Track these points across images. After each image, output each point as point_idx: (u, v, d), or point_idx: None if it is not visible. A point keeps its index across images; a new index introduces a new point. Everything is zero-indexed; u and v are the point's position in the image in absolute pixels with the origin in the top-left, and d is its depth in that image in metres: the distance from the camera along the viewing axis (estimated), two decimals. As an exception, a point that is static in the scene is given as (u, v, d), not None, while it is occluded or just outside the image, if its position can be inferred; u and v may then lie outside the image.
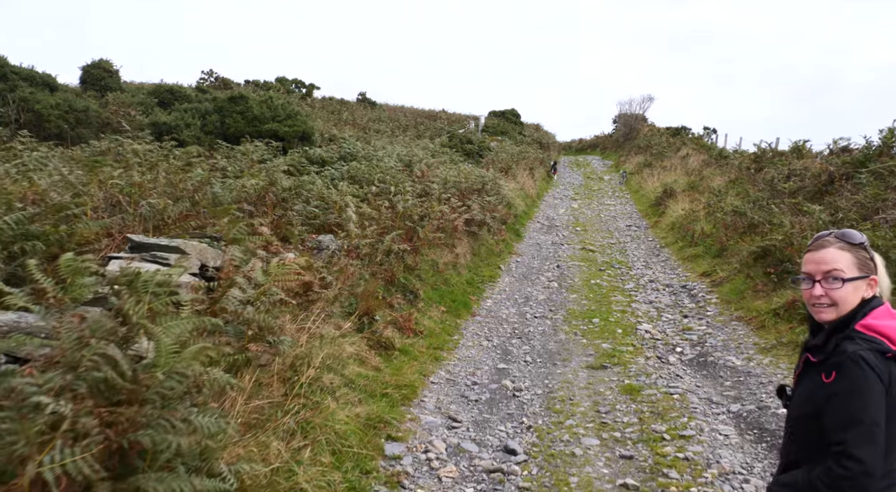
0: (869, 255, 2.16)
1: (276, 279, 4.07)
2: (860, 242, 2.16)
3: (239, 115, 13.69)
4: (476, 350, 7.77)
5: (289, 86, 41.19)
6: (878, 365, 1.93)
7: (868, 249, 2.17)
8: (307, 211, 8.39)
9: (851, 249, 2.15)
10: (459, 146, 25.91)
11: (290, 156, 12.03)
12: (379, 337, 6.85)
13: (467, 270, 11.36)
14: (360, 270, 7.61)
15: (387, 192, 10.39)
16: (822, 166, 13.13)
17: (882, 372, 1.93)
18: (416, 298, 8.49)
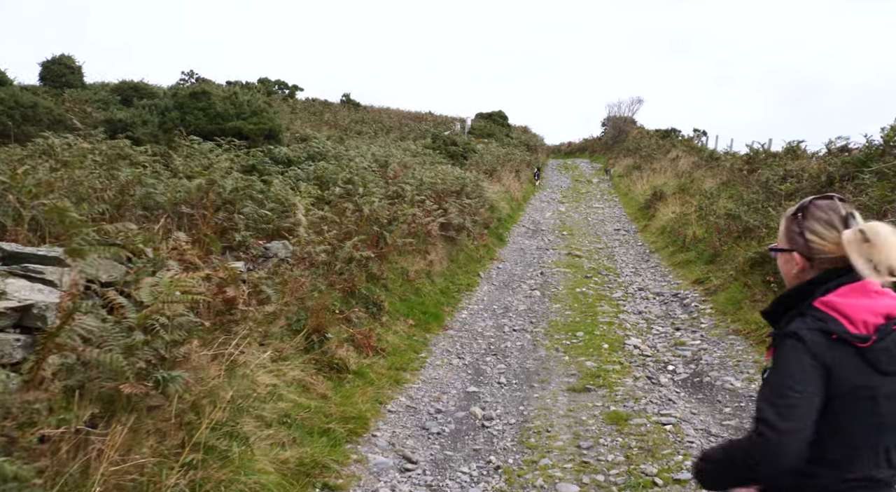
0: (799, 229, 1.96)
1: (164, 299, 3.24)
2: (793, 213, 2.01)
3: (201, 112, 12.80)
4: (445, 370, 6.92)
5: (271, 87, 40.47)
6: (816, 344, 1.77)
7: (800, 222, 1.96)
8: (259, 214, 7.53)
9: (785, 220, 2.03)
10: (443, 148, 25.09)
11: (253, 154, 11.17)
12: (330, 358, 6.00)
13: (442, 278, 10.52)
14: (313, 281, 6.76)
15: (353, 194, 9.54)
16: (821, 167, 12.37)
17: (819, 351, 1.76)
18: (380, 311, 7.64)
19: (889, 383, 1.79)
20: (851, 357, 1.77)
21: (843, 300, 1.82)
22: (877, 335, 1.78)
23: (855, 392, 1.78)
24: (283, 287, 6.11)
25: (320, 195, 9.12)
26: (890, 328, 1.80)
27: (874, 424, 1.80)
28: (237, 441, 3.62)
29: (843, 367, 1.77)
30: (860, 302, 1.81)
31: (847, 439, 1.81)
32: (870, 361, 1.78)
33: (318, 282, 6.88)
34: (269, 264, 6.34)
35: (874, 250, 1.81)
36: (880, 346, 1.78)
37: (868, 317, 1.79)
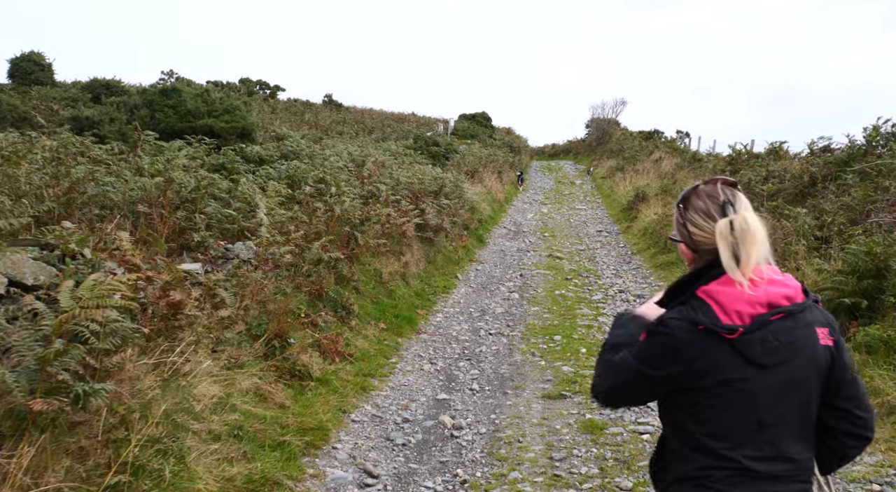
0: (682, 220, 1.89)
1: (85, 304, 2.93)
2: (678, 203, 1.92)
3: (171, 110, 12.41)
4: (415, 376, 6.63)
5: (252, 87, 40.09)
6: (681, 334, 1.72)
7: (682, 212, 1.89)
8: (223, 214, 7.22)
9: (675, 210, 1.94)
10: (425, 148, 24.82)
11: (223, 153, 10.83)
12: (292, 365, 5.69)
13: (418, 280, 10.23)
14: (276, 283, 6.45)
15: (326, 193, 9.24)
16: (804, 167, 12.21)
17: (683, 342, 1.72)
18: (350, 315, 7.34)
19: (767, 376, 1.72)
20: (722, 348, 1.70)
21: (722, 289, 1.74)
22: (751, 326, 1.70)
23: (727, 384, 1.72)
24: (242, 290, 5.81)
25: (290, 195, 8.81)
26: (768, 319, 1.71)
27: (754, 418, 1.73)
28: (173, 459, 3.31)
29: (711, 358, 1.71)
30: (736, 291, 1.72)
31: (724, 431, 1.76)
32: (742, 352, 1.71)
33: (282, 284, 6.57)
34: (228, 266, 6.03)
35: (739, 243, 1.73)
36: (755, 337, 1.70)
37: (743, 307, 1.71)
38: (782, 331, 1.72)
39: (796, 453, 1.77)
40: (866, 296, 6.27)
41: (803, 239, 8.35)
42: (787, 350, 1.72)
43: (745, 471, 1.74)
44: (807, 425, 1.79)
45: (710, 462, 1.77)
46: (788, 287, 1.78)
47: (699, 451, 1.79)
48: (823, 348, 1.77)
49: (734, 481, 1.75)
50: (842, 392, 1.81)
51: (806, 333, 1.75)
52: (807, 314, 1.77)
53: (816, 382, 1.77)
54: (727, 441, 1.75)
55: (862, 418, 1.83)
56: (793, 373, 1.73)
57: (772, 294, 1.74)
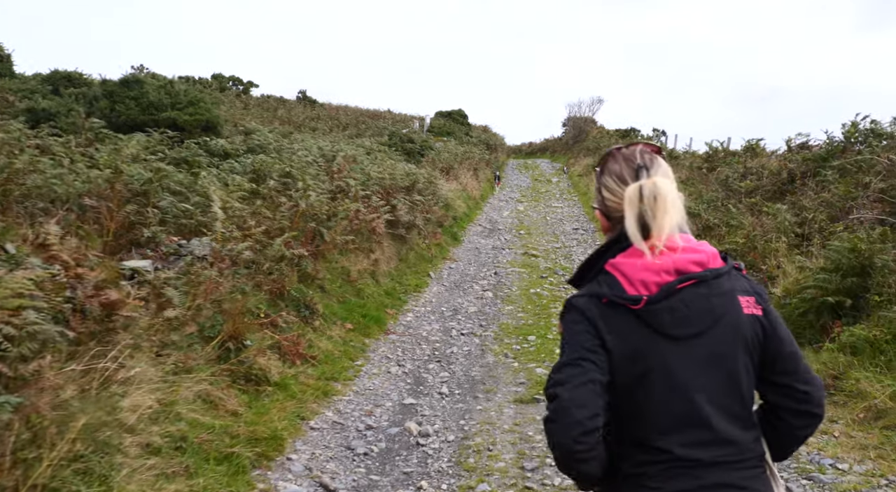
0: (598, 184, 1.76)
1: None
2: (595, 166, 1.85)
3: (132, 102, 11.92)
4: (381, 379, 6.29)
5: (225, 83, 39.50)
6: (589, 310, 1.58)
7: (598, 176, 1.77)
8: (179, 208, 6.82)
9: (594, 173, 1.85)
10: (399, 145, 24.45)
11: (186, 146, 10.39)
12: (248, 368, 5.33)
13: (389, 278, 9.88)
14: (234, 282, 6.07)
15: (292, 187, 8.85)
16: (782, 164, 12.05)
17: (592, 318, 1.57)
18: (313, 315, 6.98)
19: (684, 349, 1.57)
20: (631, 322, 1.58)
21: (627, 260, 1.63)
22: (656, 295, 1.57)
23: (643, 362, 1.57)
24: (194, 289, 5.42)
25: (254, 190, 8.41)
26: (675, 287, 1.57)
27: (679, 399, 1.57)
28: (94, 479, 2.95)
29: (621, 333, 1.57)
30: (641, 261, 1.60)
31: (650, 417, 1.59)
32: (650, 324, 1.57)
33: (241, 283, 6.19)
34: (180, 263, 5.64)
35: (648, 211, 1.59)
36: (661, 306, 1.56)
37: (647, 276, 1.58)
38: (694, 299, 1.57)
39: (735, 435, 1.58)
40: (850, 294, 6.05)
41: (784, 236, 8.13)
42: (703, 320, 1.57)
43: (682, 461, 1.56)
44: (740, 403, 1.61)
45: (644, 457, 1.61)
46: (700, 253, 1.62)
47: (632, 444, 1.63)
48: (749, 318, 1.60)
49: (672, 474, 1.57)
50: (779, 367, 1.64)
51: (724, 301, 1.59)
52: (724, 281, 1.61)
53: (745, 354, 1.60)
54: (656, 429, 1.59)
55: (806, 393, 1.64)
56: (714, 345, 1.57)
57: (680, 261, 1.59)
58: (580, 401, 1.52)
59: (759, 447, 1.65)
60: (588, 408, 1.52)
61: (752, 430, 1.63)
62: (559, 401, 1.53)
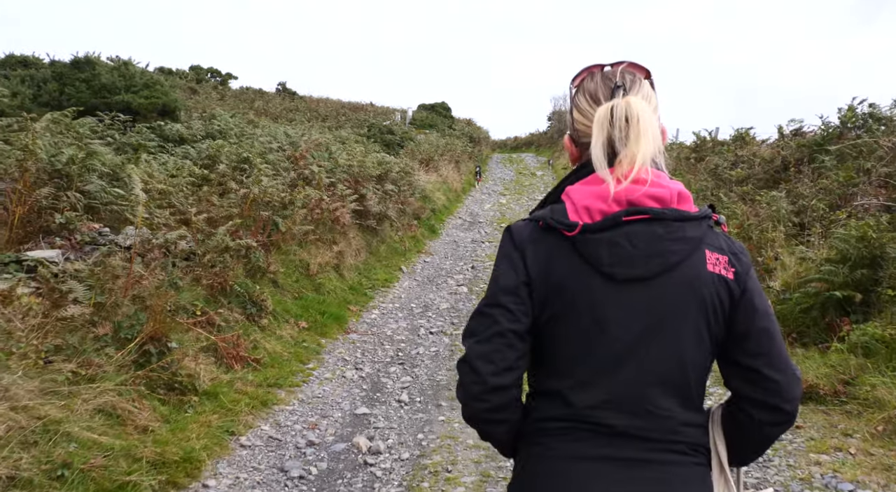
0: (570, 105, 1.53)
1: None
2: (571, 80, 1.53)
3: (83, 84, 11.08)
4: (333, 385, 5.56)
5: (203, 74, 38.70)
6: (520, 233, 1.41)
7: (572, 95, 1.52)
8: (109, 193, 6.07)
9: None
10: (379, 137, 23.75)
11: (137, 130, 9.61)
12: (171, 375, 4.58)
13: (355, 272, 9.14)
14: (167, 275, 5.33)
15: (249, 173, 8.09)
16: (775, 151, 11.42)
17: (521, 243, 1.39)
18: (261, 312, 6.24)
19: (621, 293, 1.32)
20: (564, 250, 1.34)
21: (580, 187, 1.39)
22: (597, 223, 1.32)
23: (570, 298, 1.33)
24: (110, 283, 4.68)
25: (205, 176, 7.65)
26: (620, 218, 1.32)
27: (605, 349, 1.33)
28: None
29: (549, 261, 1.35)
30: (591, 187, 1.36)
31: (566, 364, 1.36)
32: (584, 255, 1.33)
33: (175, 276, 5.45)
34: (96, 254, 4.89)
35: (617, 135, 1.36)
36: (601, 237, 1.32)
37: (593, 202, 1.34)
38: (643, 236, 1.32)
39: (666, 408, 1.33)
40: (860, 288, 5.38)
41: (781, 225, 7.48)
42: (650, 263, 1.32)
43: (589, 423, 1.34)
44: (679, 372, 1.34)
45: (547, 410, 1.39)
46: (663, 188, 1.35)
47: (539, 396, 1.43)
48: (713, 277, 1.35)
49: (574, 436, 1.35)
50: (748, 345, 1.37)
51: (683, 248, 1.33)
52: (688, 227, 1.35)
53: (699, 317, 1.34)
54: (567, 379, 1.37)
55: (775, 381, 1.35)
56: (659, 296, 1.33)
57: (634, 192, 1.33)
58: (486, 354, 1.36)
59: (698, 435, 1.38)
60: (494, 362, 1.35)
61: (692, 411, 1.37)
62: (465, 355, 1.40)
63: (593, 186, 1.38)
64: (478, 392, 1.37)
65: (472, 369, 1.37)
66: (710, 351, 1.38)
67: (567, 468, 1.34)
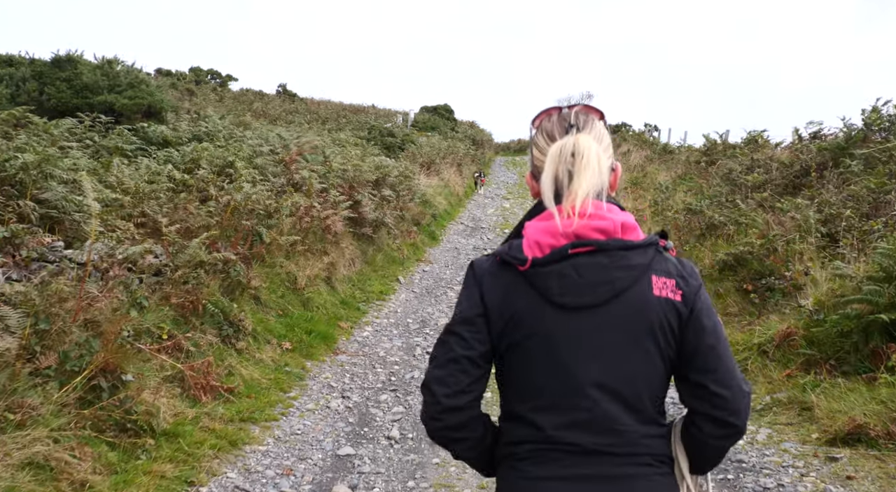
0: (531, 143, 1.61)
1: None
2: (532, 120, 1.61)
3: (64, 84, 10.51)
4: (316, 418, 4.97)
5: (203, 76, 38.30)
6: (481, 266, 1.51)
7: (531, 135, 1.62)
8: (73, 202, 5.50)
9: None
10: (379, 139, 23.20)
11: (118, 133, 9.04)
12: (125, 413, 3.99)
13: (349, 284, 8.56)
14: (129, 295, 4.74)
15: (235, 178, 7.51)
16: (793, 155, 10.80)
17: (481, 277, 1.49)
18: (238, 333, 5.65)
19: (572, 321, 1.42)
20: (518, 283, 1.45)
21: (534, 222, 1.49)
22: (545, 257, 1.43)
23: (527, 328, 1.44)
24: (57, 306, 4.09)
25: (184, 180, 7.07)
26: (566, 251, 1.42)
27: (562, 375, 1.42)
28: None
29: (506, 294, 1.46)
30: (545, 223, 1.46)
31: (529, 390, 1.47)
32: (537, 287, 1.43)
33: (138, 295, 4.86)
34: (43, 273, 4.30)
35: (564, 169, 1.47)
36: (550, 269, 1.42)
37: (542, 238, 1.44)
38: (590, 267, 1.41)
39: (625, 425, 1.41)
40: (909, 310, 4.77)
41: (810, 236, 6.86)
42: (598, 292, 1.41)
43: (557, 444, 1.42)
44: (633, 390, 1.42)
45: (517, 433, 1.48)
46: (606, 220, 1.43)
47: (510, 420, 1.51)
48: (659, 301, 1.43)
49: (544, 458, 1.43)
50: (697, 363, 1.44)
51: (628, 275, 1.42)
52: (633, 255, 1.43)
53: (649, 339, 1.42)
54: (531, 402, 1.46)
55: (721, 397, 1.43)
56: (610, 322, 1.42)
57: (581, 226, 1.42)
58: (440, 378, 1.46)
59: (660, 446, 1.46)
60: (448, 386, 1.45)
61: (651, 425, 1.45)
62: (424, 379, 1.51)
63: (545, 221, 1.46)
64: (434, 412, 1.46)
65: (429, 392, 1.46)
66: (662, 369, 1.45)
67: (544, 488, 1.41)
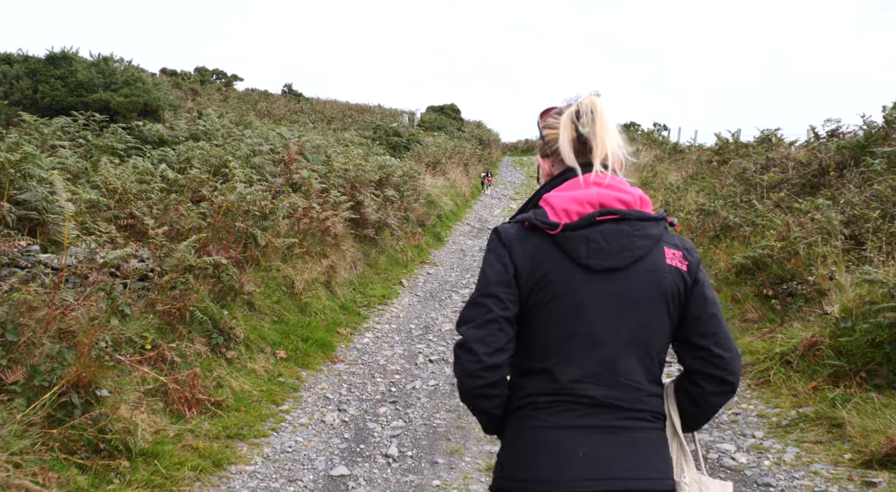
0: (539, 130, 1.79)
1: None
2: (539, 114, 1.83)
3: (58, 81, 10.22)
4: (309, 433, 4.65)
5: (208, 76, 38.17)
6: (507, 232, 1.64)
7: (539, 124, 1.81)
8: (51, 201, 5.21)
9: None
10: (385, 139, 22.92)
11: (112, 131, 8.76)
12: (99, 431, 3.68)
13: (349, 288, 8.24)
14: (111, 303, 4.44)
15: (230, 178, 7.20)
16: (811, 153, 10.42)
17: (510, 242, 1.62)
18: (229, 341, 5.34)
19: (597, 282, 1.57)
20: (547, 246, 1.59)
21: (556, 193, 1.64)
22: (575, 222, 1.58)
23: (553, 287, 1.58)
24: (27, 316, 3.79)
25: (176, 180, 6.77)
26: (595, 218, 1.58)
27: (584, 330, 1.57)
28: None
29: (535, 257, 1.59)
30: (567, 193, 1.62)
31: (550, 345, 1.60)
32: (566, 250, 1.58)
33: (120, 302, 4.55)
34: (13, 279, 3.99)
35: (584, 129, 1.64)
36: (578, 234, 1.57)
37: (570, 205, 1.60)
38: (614, 234, 1.58)
39: (636, 380, 1.58)
40: (948, 320, 4.42)
41: (834, 239, 6.50)
42: (621, 256, 1.57)
43: (573, 395, 1.57)
44: (646, 349, 1.60)
45: (535, 385, 1.62)
46: (627, 193, 1.62)
47: (527, 374, 1.64)
48: (671, 269, 1.60)
49: (561, 407, 1.57)
50: (700, 328, 1.63)
51: (646, 243, 1.59)
52: (650, 226, 1.61)
53: (661, 303, 1.59)
54: (553, 357, 1.59)
55: (722, 358, 1.62)
56: (629, 285, 1.58)
57: (604, 195, 1.60)
58: (481, 338, 1.57)
59: (658, 404, 1.63)
60: (488, 344, 1.56)
61: (654, 383, 1.62)
62: (462, 339, 1.60)
63: (569, 190, 1.62)
64: (475, 370, 1.57)
65: (469, 351, 1.58)
66: (669, 332, 1.63)
67: (557, 436, 1.56)
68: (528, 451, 1.58)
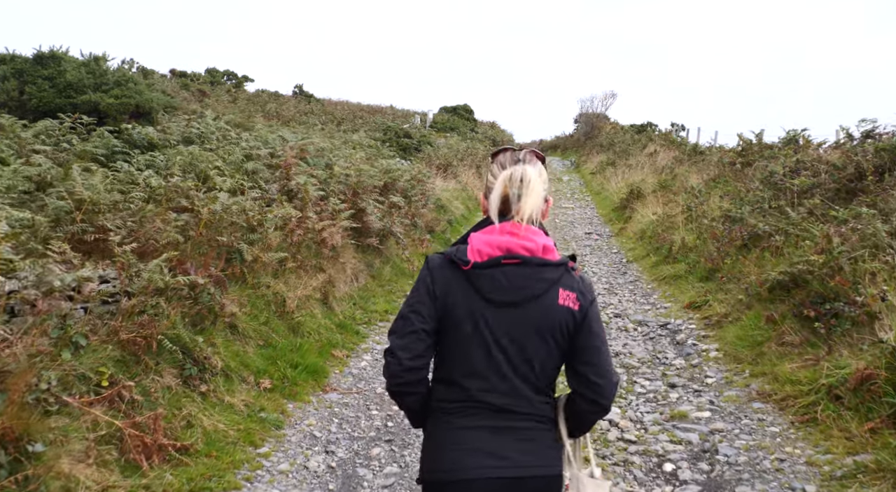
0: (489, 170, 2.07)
1: None
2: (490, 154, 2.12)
3: (46, 82, 9.72)
4: (287, 485, 4.04)
5: (218, 77, 37.83)
6: (433, 261, 1.96)
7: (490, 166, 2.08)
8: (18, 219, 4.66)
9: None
10: (395, 140, 22.37)
11: (99, 135, 8.23)
12: (30, 495, 3.10)
13: (348, 302, 7.65)
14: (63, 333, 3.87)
15: (220, 187, 6.63)
16: (847, 156, 9.71)
17: (433, 269, 1.95)
18: (204, 372, 4.75)
19: (498, 313, 1.88)
20: (460, 279, 1.90)
21: (477, 235, 1.95)
22: (483, 263, 1.88)
23: (461, 311, 1.89)
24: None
25: (160, 188, 6.20)
26: (500, 260, 1.88)
27: (485, 350, 1.89)
28: None
29: (450, 286, 1.91)
30: (485, 236, 1.93)
31: (459, 359, 1.92)
32: (474, 284, 1.89)
33: (74, 332, 3.99)
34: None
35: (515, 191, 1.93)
36: (485, 273, 1.88)
37: (484, 247, 1.91)
38: (514, 275, 1.88)
39: (524, 392, 1.90)
40: None
41: (881, 253, 5.82)
42: (518, 293, 1.88)
43: (477, 402, 1.90)
44: (532, 369, 1.90)
45: (449, 393, 1.95)
46: (532, 242, 1.90)
47: (442, 382, 1.97)
48: (562, 308, 1.89)
49: (467, 412, 1.90)
50: (583, 357, 1.93)
51: (541, 286, 1.89)
52: (547, 271, 1.90)
53: (549, 334, 1.89)
54: (461, 371, 1.91)
55: (597, 384, 1.92)
56: (524, 317, 1.88)
57: (513, 243, 1.90)
58: (404, 346, 1.90)
59: (547, 410, 1.96)
60: (409, 351, 1.90)
61: (541, 395, 1.94)
62: (390, 346, 1.92)
63: (487, 235, 1.93)
64: (397, 372, 1.90)
65: (394, 356, 1.90)
66: (557, 358, 1.94)
67: (465, 435, 1.89)
68: (441, 448, 1.92)
